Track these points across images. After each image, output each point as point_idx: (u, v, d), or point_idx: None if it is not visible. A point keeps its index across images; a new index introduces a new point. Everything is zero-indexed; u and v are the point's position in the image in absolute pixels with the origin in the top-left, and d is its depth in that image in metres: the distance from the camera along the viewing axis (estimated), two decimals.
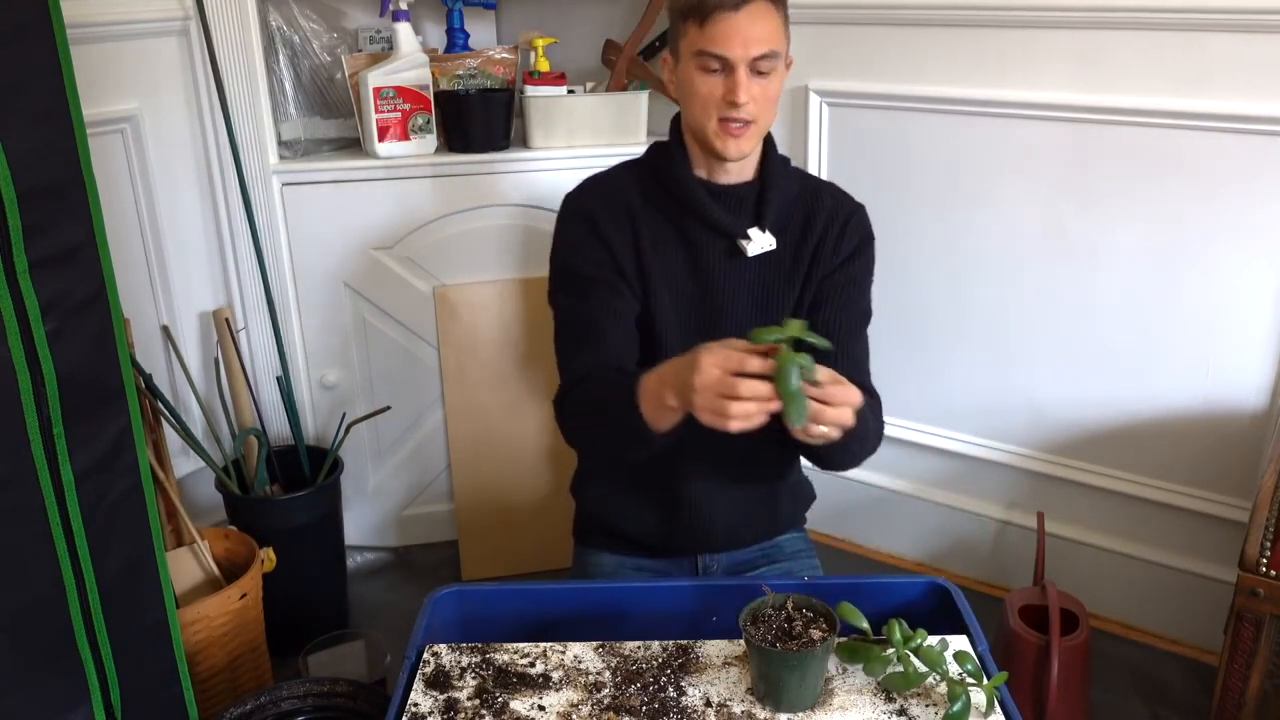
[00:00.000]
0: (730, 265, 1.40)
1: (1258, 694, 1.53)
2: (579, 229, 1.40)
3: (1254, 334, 1.81)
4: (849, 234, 1.42)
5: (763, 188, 1.40)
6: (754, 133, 1.33)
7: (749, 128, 1.31)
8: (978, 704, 0.97)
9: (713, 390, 1.04)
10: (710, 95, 1.29)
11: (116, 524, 1.32)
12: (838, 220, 1.41)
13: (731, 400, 1.03)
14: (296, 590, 1.99)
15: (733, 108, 1.28)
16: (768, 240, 1.38)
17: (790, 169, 1.44)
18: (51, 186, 1.18)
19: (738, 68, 1.26)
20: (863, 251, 1.43)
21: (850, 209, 1.43)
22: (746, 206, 1.40)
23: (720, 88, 1.28)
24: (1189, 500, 1.95)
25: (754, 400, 1.02)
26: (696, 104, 1.31)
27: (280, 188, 2.11)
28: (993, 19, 1.89)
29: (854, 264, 1.42)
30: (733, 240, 1.39)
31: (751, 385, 1.02)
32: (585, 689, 1.01)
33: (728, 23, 1.25)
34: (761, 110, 1.31)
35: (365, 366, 2.26)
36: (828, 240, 1.40)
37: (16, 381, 1.16)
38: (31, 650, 1.23)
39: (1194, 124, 1.75)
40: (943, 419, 2.20)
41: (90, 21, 1.83)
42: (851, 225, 1.42)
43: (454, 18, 2.31)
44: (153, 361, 2.09)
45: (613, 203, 1.41)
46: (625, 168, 1.47)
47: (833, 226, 1.41)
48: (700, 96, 1.30)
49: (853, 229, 1.42)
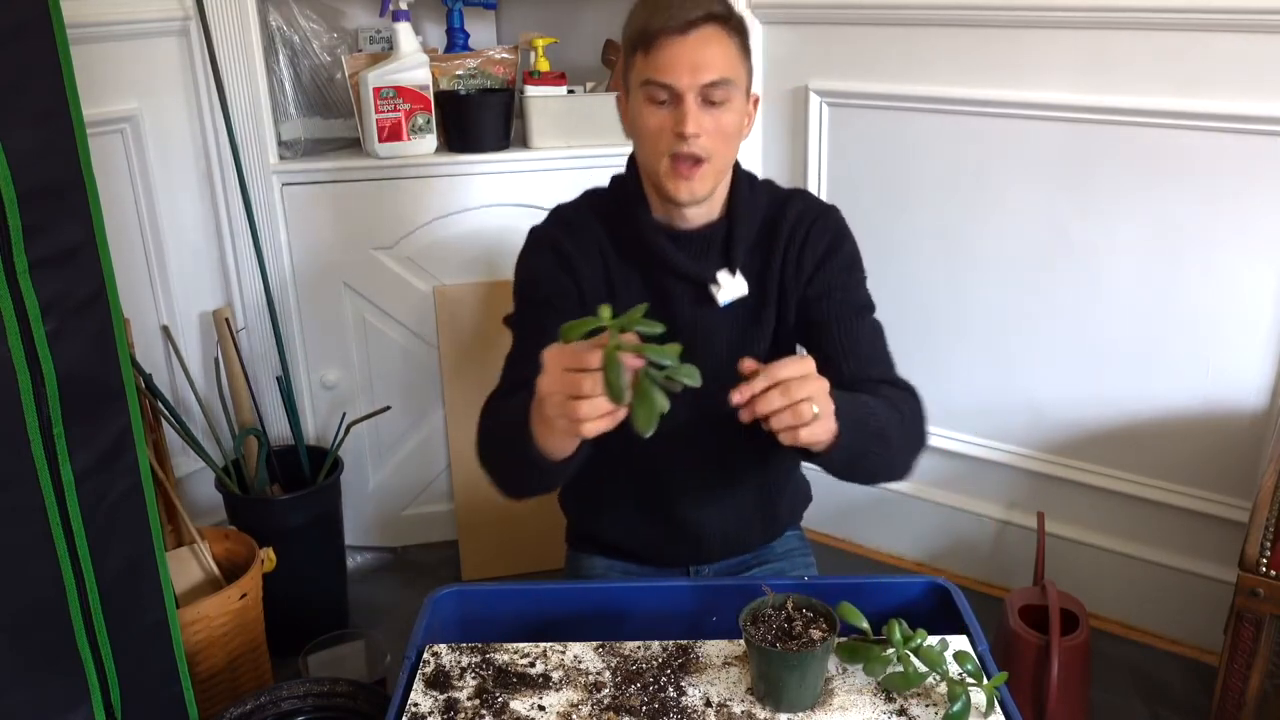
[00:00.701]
0: (701, 313, 1.30)
1: (1258, 694, 1.53)
2: (546, 258, 1.32)
3: (1254, 334, 1.81)
4: (812, 242, 1.30)
5: (730, 225, 1.29)
6: (708, 173, 1.21)
7: (700, 167, 1.19)
8: (978, 704, 0.97)
9: (560, 392, 0.96)
10: (660, 129, 1.19)
11: (116, 524, 1.32)
12: (799, 234, 1.30)
13: (579, 400, 0.93)
14: (296, 590, 1.99)
15: (681, 141, 1.17)
16: (739, 285, 1.28)
17: (758, 196, 1.33)
18: (51, 186, 1.18)
19: (685, 96, 1.16)
20: (836, 251, 1.31)
21: (813, 215, 1.32)
22: (714, 248, 1.29)
23: (669, 120, 1.18)
24: (1189, 500, 1.95)
25: (600, 398, 0.93)
26: (647, 140, 1.21)
27: (280, 188, 2.11)
28: (993, 19, 1.89)
29: (828, 267, 1.30)
30: (702, 286, 1.29)
31: (596, 381, 0.92)
32: (585, 689, 1.01)
33: (674, 48, 1.16)
34: (715, 146, 1.19)
35: (365, 366, 2.26)
36: (789, 261, 1.29)
37: (16, 381, 1.16)
38: (31, 650, 1.23)
39: (1194, 124, 1.75)
40: (943, 419, 2.20)
41: (90, 21, 1.84)
42: (815, 232, 1.30)
43: (454, 18, 2.31)
44: (153, 361, 2.09)
45: (583, 240, 1.32)
46: (591, 203, 1.37)
47: (793, 244, 1.30)
48: (649, 131, 1.20)
49: (816, 235, 1.30)
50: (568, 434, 0.99)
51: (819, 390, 1.00)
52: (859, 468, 1.15)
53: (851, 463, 1.11)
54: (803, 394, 0.97)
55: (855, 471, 1.16)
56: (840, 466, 1.12)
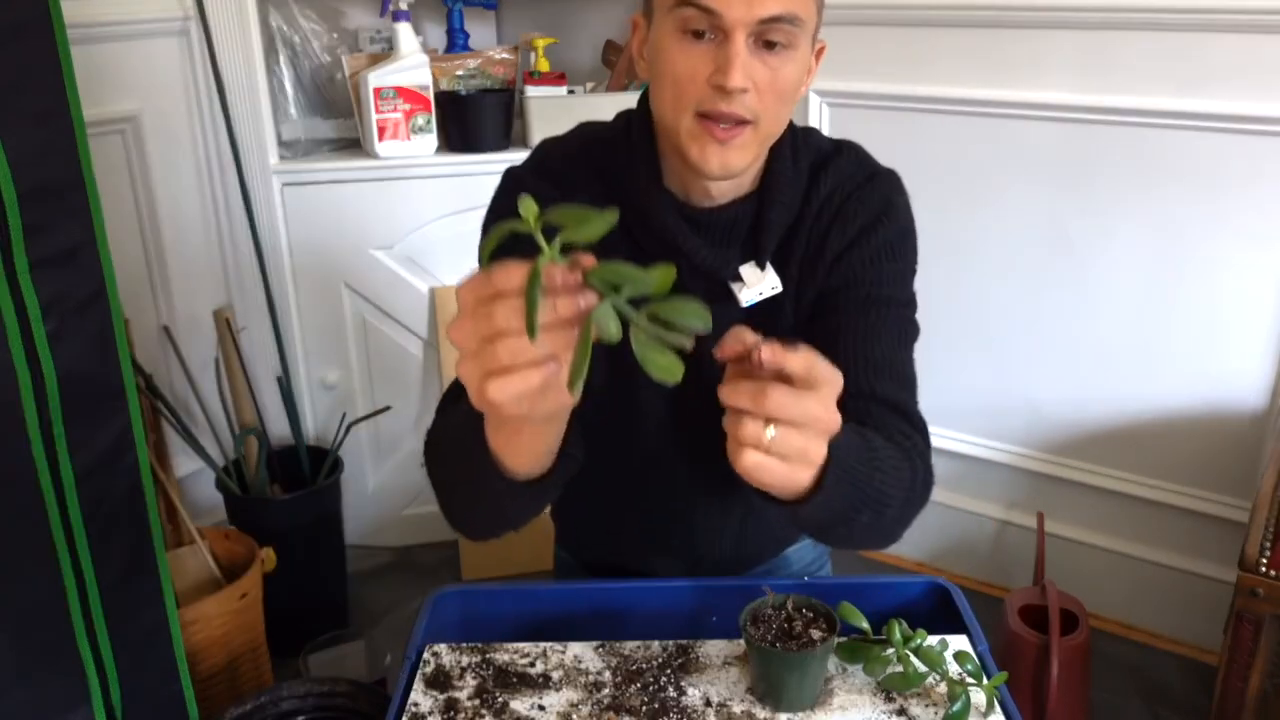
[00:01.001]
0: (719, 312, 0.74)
1: (1258, 694, 1.53)
2: None
3: (1254, 334, 1.81)
4: (844, 220, 0.98)
5: (761, 205, 0.97)
6: (750, 141, 0.89)
7: (742, 132, 0.88)
8: (978, 704, 0.97)
9: (473, 337, 0.62)
10: (691, 74, 0.86)
11: (116, 524, 1.32)
12: (830, 209, 0.98)
13: (494, 343, 0.60)
14: (296, 590, 1.99)
15: (720, 96, 0.86)
16: (769, 281, 0.97)
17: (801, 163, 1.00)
18: (51, 186, 1.18)
19: (734, 33, 0.84)
20: (874, 230, 0.98)
21: (852, 186, 1.00)
22: (739, 232, 0.98)
23: (706, 62, 0.86)
24: (1189, 500, 1.95)
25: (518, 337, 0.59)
26: (670, 87, 0.88)
27: (280, 188, 2.11)
28: (993, 19, 1.89)
29: (859, 251, 0.97)
30: (721, 283, 0.97)
31: (512, 311, 0.59)
32: (585, 689, 1.00)
33: None
34: (766, 106, 0.88)
35: (365, 366, 2.26)
36: (813, 242, 0.99)
37: (16, 381, 1.16)
38: (31, 650, 1.23)
39: (1194, 124, 1.75)
40: (943, 419, 2.20)
41: (90, 21, 1.83)
42: (850, 207, 0.98)
43: (454, 18, 2.31)
44: (153, 361, 2.09)
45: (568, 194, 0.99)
46: (585, 148, 1.04)
47: (820, 222, 0.98)
48: (676, 74, 0.87)
49: (851, 211, 0.98)
50: (482, 402, 0.63)
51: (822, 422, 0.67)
52: (835, 533, 0.85)
53: (829, 526, 0.81)
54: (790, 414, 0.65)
55: (828, 536, 0.89)
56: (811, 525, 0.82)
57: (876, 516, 0.81)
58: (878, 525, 0.83)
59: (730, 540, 1.16)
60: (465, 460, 0.80)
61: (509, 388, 0.61)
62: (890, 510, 0.82)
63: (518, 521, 0.89)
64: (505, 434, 0.75)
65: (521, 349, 0.60)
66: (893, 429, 0.90)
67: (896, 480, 0.82)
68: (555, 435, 0.77)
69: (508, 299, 0.59)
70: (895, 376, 0.94)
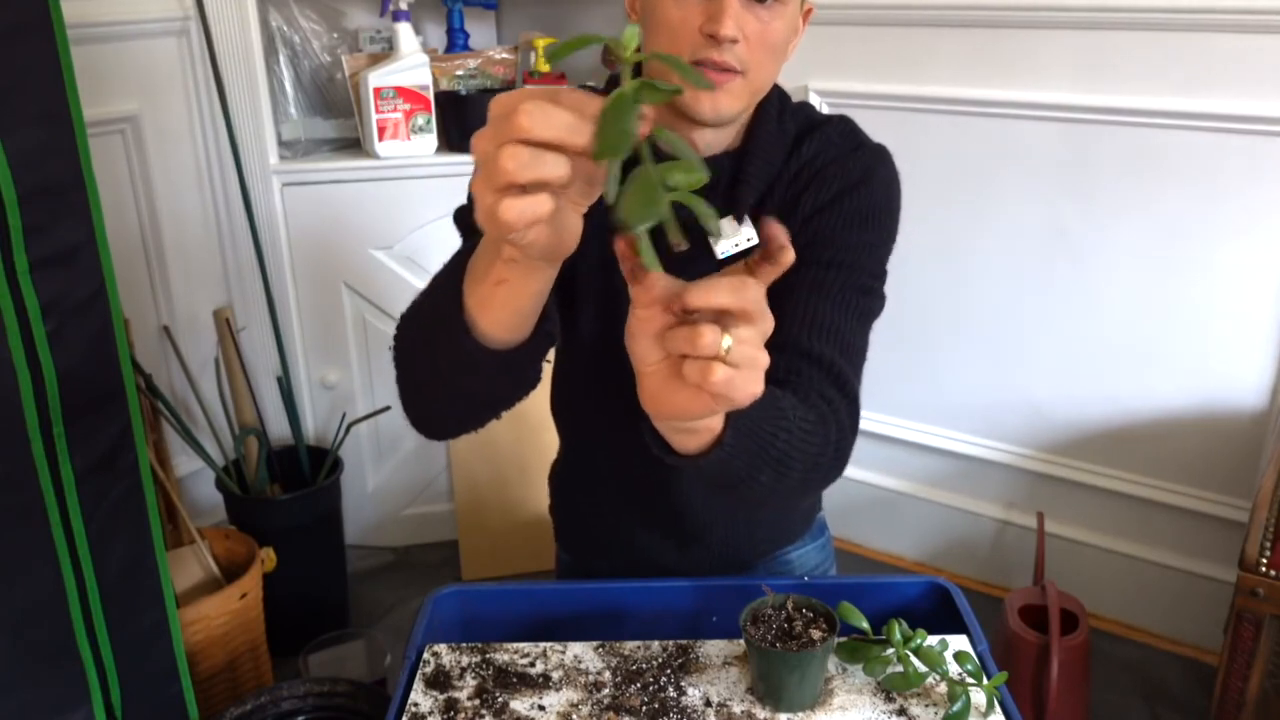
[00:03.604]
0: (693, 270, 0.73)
1: (1258, 694, 1.53)
2: None
3: (1254, 334, 1.81)
4: (818, 185, 0.99)
5: (742, 160, 1.01)
6: (741, 89, 0.94)
7: (733, 80, 0.92)
8: (978, 704, 0.97)
9: (499, 139, 0.57)
10: (683, 22, 0.90)
11: (116, 524, 1.32)
12: (806, 175, 1.00)
13: (517, 147, 0.56)
14: (296, 590, 1.99)
15: (711, 45, 0.90)
16: (744, 233, 0.98)
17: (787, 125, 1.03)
18: (51, 186, 1.18)
19: None
20: (846, 196, 1.00)
21: (833, 154, 1.02)
22: (719, 185, 1.00)
23: (698, 13, 0.90)
24: (1189, 500, 1.95)
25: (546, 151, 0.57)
26: (663, 35, 0.92)
27: (280, 188, 2.11)
28: (993, 19, 1.89)
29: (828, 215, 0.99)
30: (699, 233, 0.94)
31: (565, 120, 0.57)
32: (585, 689, 1.00)
33: None
34: (755, 58, 0.92)
35: (365, 366, 2.26)
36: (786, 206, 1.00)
37: (16, 381, 1.16)
38: (31, 650, 1.23)
39: (1194, 124, 1.75)
40: (943, 419, 2.20)
41: (90, 21, 1.83)
42: (827, 174, 1.00)
43: (454, 18, 2.31)
44: (153, 361, 2.09)
45: None
46: None
47: (795, 187, 1.01)
48: (668, 23, 0.91)
49: (834, 171, 1.00)
50: (490, 220, 0.59)
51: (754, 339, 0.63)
52: (735, 492, 0.81)
53: (728, 484, 0.79)
54: (760, 316, 0.63)
55: (729, 494, 0.83)
56: (711, 482, 0.79)
57: (778, 478, 0.80)
58: (780, 487, 0.82)
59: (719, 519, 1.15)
60: (438, 321, 0.80)
61: (522, 208, 0.58)
62: (794, 474, 0.81)
63: (475, 403, 0.88)
64: (490, 282, 0.73)
65: (547, 162, 0.57)
66: (817, 391, 0.89)
67: (804, 444, 0.81)
68: (537, 295, 0.75)
69: (565, 110, 0.57)
70: (835, 340, 0.93)
